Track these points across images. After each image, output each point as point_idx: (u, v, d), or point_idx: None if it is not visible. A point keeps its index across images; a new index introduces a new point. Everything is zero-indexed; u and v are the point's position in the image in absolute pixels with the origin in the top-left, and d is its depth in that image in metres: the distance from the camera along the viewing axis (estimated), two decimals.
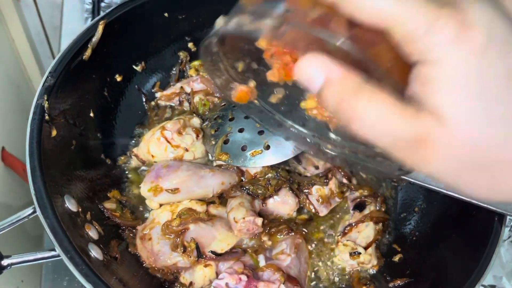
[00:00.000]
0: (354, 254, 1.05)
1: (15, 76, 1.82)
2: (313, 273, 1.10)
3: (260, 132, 1.12)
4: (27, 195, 1.51)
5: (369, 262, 1.06)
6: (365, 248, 1.06)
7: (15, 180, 1.49)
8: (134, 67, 1.29)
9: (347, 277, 1.10)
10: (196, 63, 1.39)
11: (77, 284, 1.15)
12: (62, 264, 1.18)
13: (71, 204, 0.92)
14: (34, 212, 0.85)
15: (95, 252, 0.89)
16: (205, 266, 1.00)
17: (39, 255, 0.82)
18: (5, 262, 0.80)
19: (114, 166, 1.19)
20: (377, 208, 1.12)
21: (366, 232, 1.08)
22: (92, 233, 0.95)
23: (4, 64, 1.74)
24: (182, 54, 1.38)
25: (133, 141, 1.26)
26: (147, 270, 1.02)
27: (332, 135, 0.90)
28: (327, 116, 0.69)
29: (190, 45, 1.38)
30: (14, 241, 1.37)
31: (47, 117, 0.96)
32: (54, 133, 0.97)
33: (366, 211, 1.11)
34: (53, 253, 0.82)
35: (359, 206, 1.11)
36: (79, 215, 0.95)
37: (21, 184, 1.51)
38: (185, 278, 1.02)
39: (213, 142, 1.16)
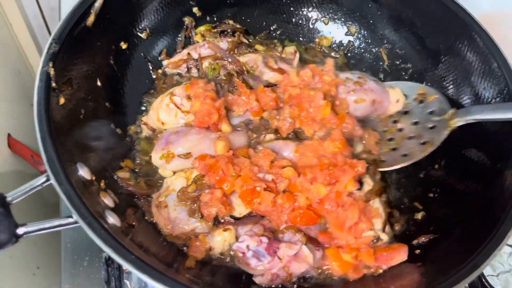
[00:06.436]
0: (376, 241, 0.98)
1: (15, 62, 1.77)
2: None
3: None
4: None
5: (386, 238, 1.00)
6: (384, 229, 1.00)
7: (25, 167, 1.47)
8: (139, 34, 1.24)
9: None
10: (201, 28, 1.34)
11: (98, 264, 1.13)
12: (82, 245, 1.16)
13: (84, 172, 0.90)
14: (48, 180, 0.82)
15: (112, 219, 0.86)
16: (224, 230, 0.98)
17: (56, 222, 0.79)
18: (20, 230, 0.77)
19: (125, 136, 1.16)
20: (374, 180, 1.04)
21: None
22: (108, 201, 0.92)
23: (4, 50, 1.69)
24: (187, 20, 1.33)
25: (142, 110, 1.23)
26: (165, 237, 1.00)
27: None
28: None
29: (195, 10, 1.33)
30: (29, 212, 1.36)
31: (53, 85, 0.92)
32: (62, 100, 0.94)
33: (366, 187, 1.01)
34: (70, 219, 0.79)
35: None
36: (93, 183, 0.92)
37: (31, 168, 1.48)
38: (205, 238, 0.98)
39: None
